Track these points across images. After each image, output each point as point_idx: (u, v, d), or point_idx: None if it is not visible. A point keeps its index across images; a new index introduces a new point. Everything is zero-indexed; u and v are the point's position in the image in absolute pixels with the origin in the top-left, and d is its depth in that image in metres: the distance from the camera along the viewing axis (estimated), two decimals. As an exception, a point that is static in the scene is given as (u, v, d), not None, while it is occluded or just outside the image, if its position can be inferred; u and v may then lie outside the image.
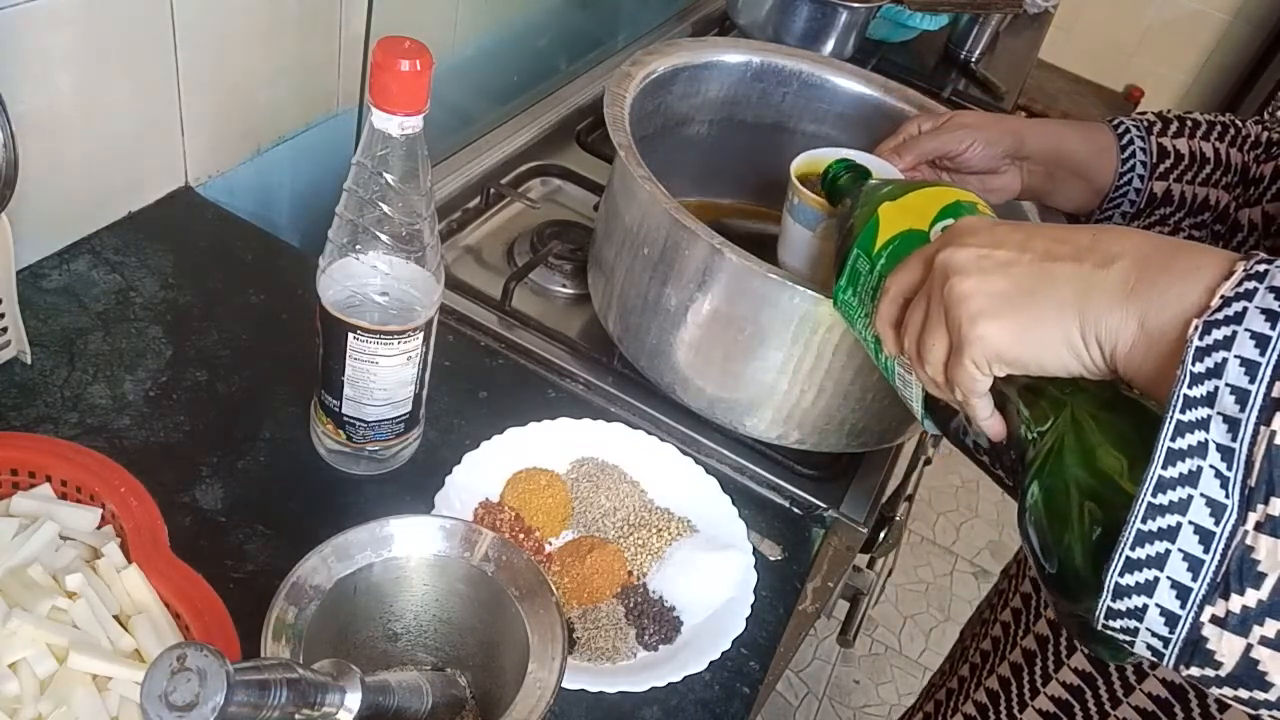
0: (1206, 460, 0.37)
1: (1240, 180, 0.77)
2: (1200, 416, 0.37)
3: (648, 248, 0.77)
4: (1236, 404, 0.36)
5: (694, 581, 0.69)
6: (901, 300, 0.52)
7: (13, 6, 0.66)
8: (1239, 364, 0.37)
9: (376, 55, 0.53)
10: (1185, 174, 0.78)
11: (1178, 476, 0.37)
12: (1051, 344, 0.44)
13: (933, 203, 0.57)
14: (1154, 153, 0.78)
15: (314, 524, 0.61)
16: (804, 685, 1.82)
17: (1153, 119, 0.80)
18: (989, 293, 0.45)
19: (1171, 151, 0.78)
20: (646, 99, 0.90)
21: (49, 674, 0.49)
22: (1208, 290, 0.39)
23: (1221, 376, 0.37)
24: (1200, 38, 3.14)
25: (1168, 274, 0.41)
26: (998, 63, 1.82)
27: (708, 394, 0.80)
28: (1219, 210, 0.78)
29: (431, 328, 0.65)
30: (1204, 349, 0.37)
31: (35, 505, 0.55)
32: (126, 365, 0.73)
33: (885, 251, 0.57)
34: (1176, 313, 0.40)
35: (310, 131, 0.99)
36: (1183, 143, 0.78)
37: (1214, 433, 0.37)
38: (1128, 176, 0.78)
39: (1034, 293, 0.44)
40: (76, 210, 0.80)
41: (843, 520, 0.81)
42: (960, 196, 0.58)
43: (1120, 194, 0.79)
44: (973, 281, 0.46)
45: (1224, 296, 0.38)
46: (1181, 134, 0.79)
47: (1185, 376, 0.37)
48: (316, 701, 0.41)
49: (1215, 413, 0.37)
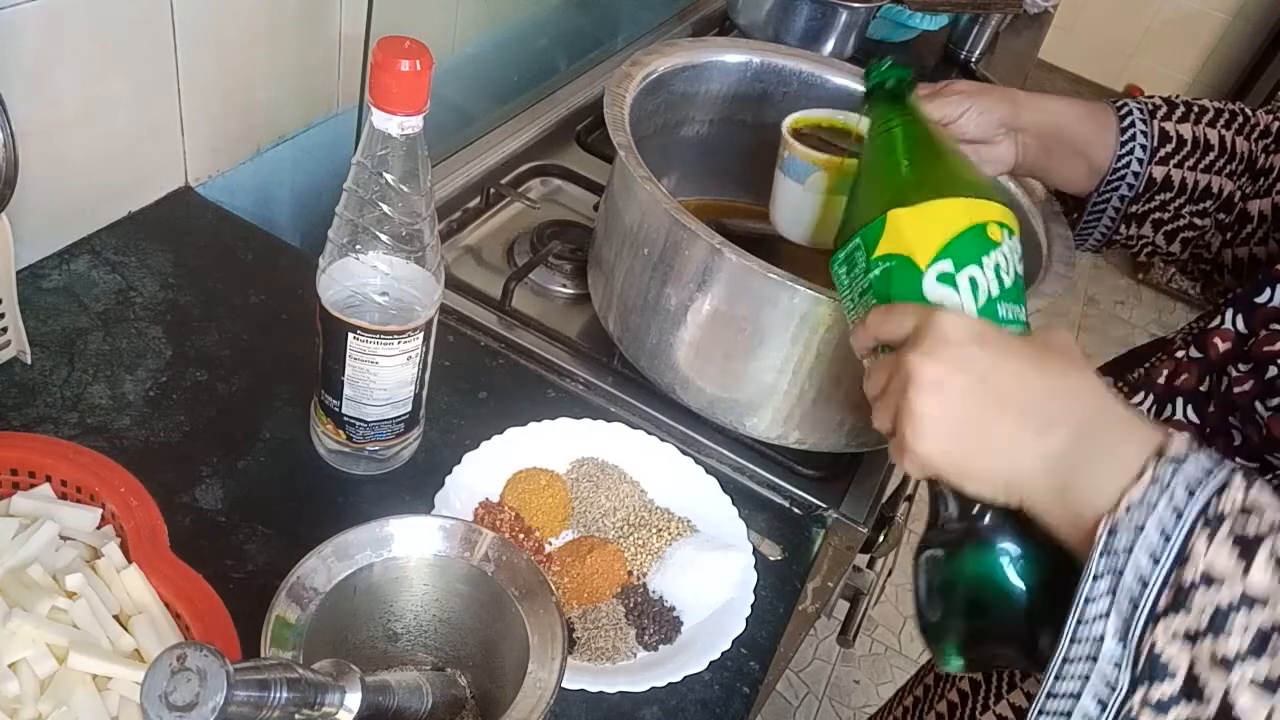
0: (1104, 646, 0.44)
1: (1247, 169, 0.76)
2: (1101, 610, 0.44)
3: (648, 248, 0.77)
4: (1129, 605, 0.43)
5: (694, 581, 0.69)
6: (873, 344, 0.56)
7: (13, 6, 0.66)
8: (1133, 573, 0.43)
9: (376, 55, 0.53)
10: (1187, 160, 0.77)
11: (1079, 657, 0.44)
12: (978, 481, 0.49)
13: (944, 225, 0.55)
14: (1155, 136, 0.77)
15: (314, 524, 0.61)
16: (804, 685, 1.82)
17: (1158, 103, 0.79)
18: (937, 417, 0.48)
19: (1174, 136, 0.77)
20: (646, 99, 0.90)
21: (49, 674, 0.49)
22: (1119, 489, 0.44)
23: (1121, 577, 0.43)
24: (1200, 38, 3.15)
25: (1093, 457, 0.46)
26: (998, 63, 1.82)
27: (708, 394, 0.80)
28: (1222, 198, 0.77)
29: (431, 328, 0.65)
30: (1106, 549, 0.43)
31: (35, 505, 0.55)
32: (126, 365, 0.73)
33: (878, 266, 0.56)
34: (1091, 503, 0.45)
35: (310, 131, 0.99)
36: (1186, 128, 0.77)
37: (1111, 624, 0.43)
38: (1126, 159, 0.78)
39: (977, 434, 0.48)
40: (76, 210, 0.80)
41: (843, 520, 0.82)
42: (975, 218, 0.55)
43: (1118, 176, 0.79)
44: (928, 402, 0.49)
45: (1128, 504, 0.43)
46: (1186, 119, 0.78)
47: (1090, 572, 0.44)
48: (316, 701, 0.41)
49: (1113, 608, 0.43)
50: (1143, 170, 0.78)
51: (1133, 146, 0.78)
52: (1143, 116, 0.78)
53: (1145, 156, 0.78)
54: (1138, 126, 0.78)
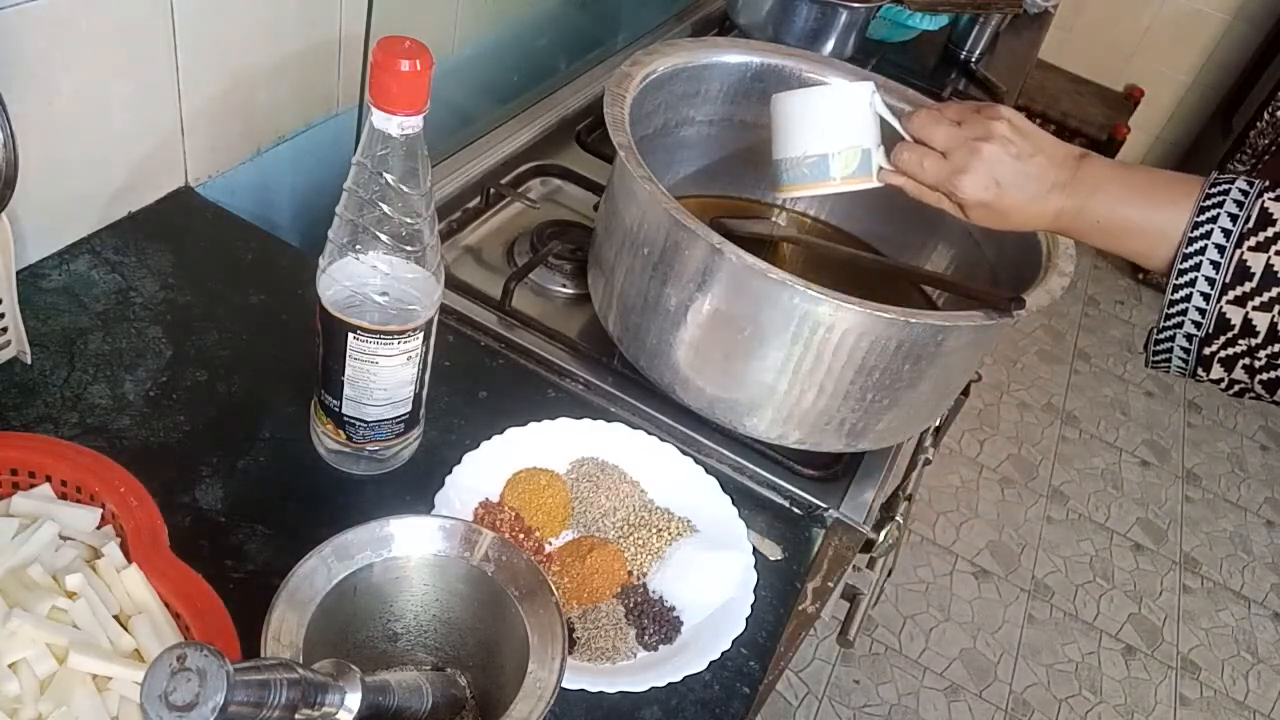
0: None
1: None
2: None
3: (648, 248, 0.77)
4: None
5: (694, 581, 0.69)
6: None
7: (12, 6, 0.66)
8: None
9: (376, 55, 0.53)
10: None
11: None
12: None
13: None
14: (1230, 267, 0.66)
15: (314, 524, 0.61)
16: (804, 685, 1.82)
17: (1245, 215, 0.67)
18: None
19: None
20: (646, 99, 0.90)
21: (49, 674, 0.49)
22: None
23: None
24: (1200, 38, 3.14)
25: None
26: (998, 63, 1.82)
27: (708, 394, 0.80)
28: None
29: (431, 328, 0.65)
30: None
31: (35, 505, 0.55)
32: (126, 365, 0.73)
33: None
34: None
35: (310, 131, 0.99)
36: None
37: None
38: None
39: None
40: (76, 210, 0.80)
41: (843, 520, 0.81)
42: None
43: None
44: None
45: None
46: None
47: None
48: (316, 701, 0.41)
49: None
50: (1209, 307, 0.68)
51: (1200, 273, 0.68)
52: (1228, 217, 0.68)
53: (1213, 292, 0.68)
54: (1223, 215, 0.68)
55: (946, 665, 1.93)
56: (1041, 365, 2.78)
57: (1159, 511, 2.42)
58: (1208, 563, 2.32)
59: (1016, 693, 1.92)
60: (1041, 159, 0.71)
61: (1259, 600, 2.26)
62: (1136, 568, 2.25)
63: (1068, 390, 2.71)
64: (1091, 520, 2.34)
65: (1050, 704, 1.92)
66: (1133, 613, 2.15)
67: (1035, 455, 2.47)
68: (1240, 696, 2.04)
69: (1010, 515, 2.29)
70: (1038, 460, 2.46)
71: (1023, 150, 0.70)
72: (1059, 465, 2.46)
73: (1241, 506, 2.50)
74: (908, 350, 0.74)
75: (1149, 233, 0.69)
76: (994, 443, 2.47)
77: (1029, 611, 2.08)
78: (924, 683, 1.89)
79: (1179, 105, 3.29)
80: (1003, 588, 2.12)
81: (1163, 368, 0.72)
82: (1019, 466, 2.42)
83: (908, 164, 0.75)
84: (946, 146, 0.72)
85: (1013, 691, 1.92)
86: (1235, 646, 2.14)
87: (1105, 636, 2.08)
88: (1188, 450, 2.63)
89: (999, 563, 2.17)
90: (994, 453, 2.44)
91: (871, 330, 0.72)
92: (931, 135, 0.73)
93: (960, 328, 0.74)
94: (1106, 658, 2.04)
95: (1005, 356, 2.75)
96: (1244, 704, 2.02)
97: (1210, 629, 2.16)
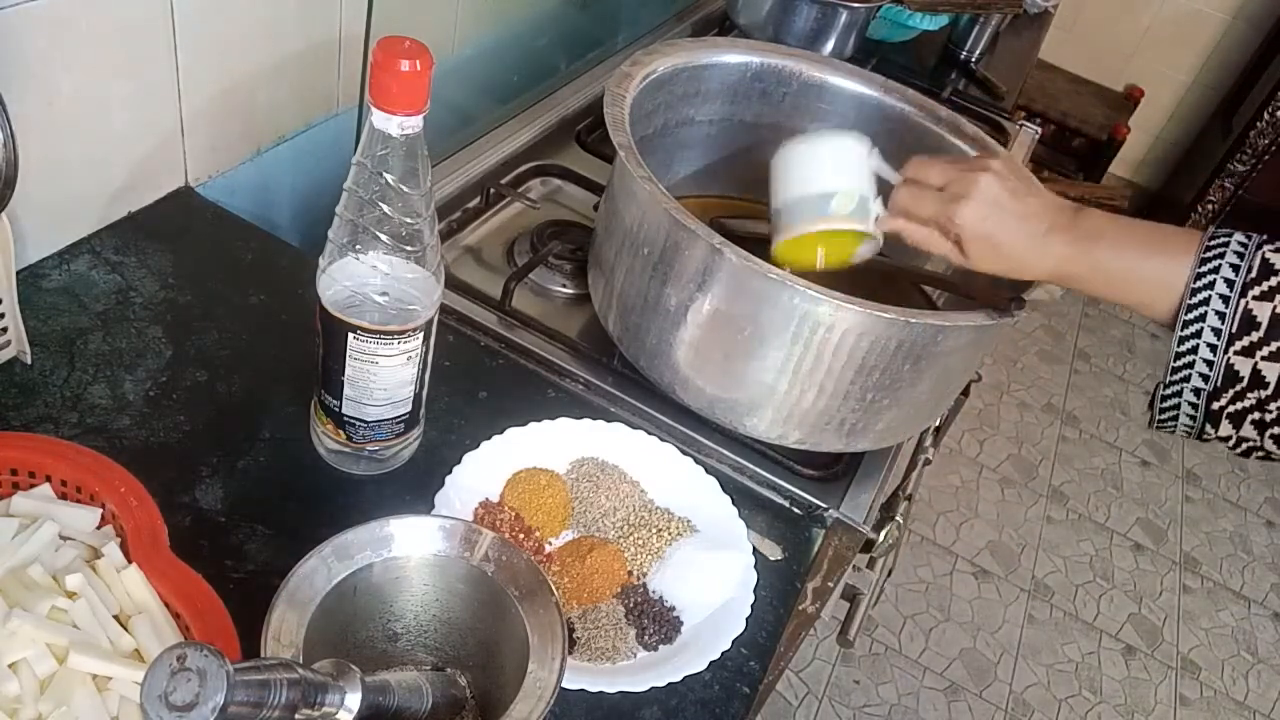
0: None
1: None
2: None
3: (648, 248, 0.77)
4: None
5: (694, 581, 0.69)
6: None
7: (12, 7, 0.66)
8: None
9: (376, 55, 0.53)
10: None
11: None
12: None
13: None
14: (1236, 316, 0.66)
15: (314, 524, 0.61)
16: (804, 685, 1.82)
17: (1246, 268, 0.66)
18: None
19: None
20: (646, 99, 0.90)
21: (49, 674, 0.49)
22: None
23: None
24: (1200, 38, 3.14)
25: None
26: (998, 63, 1.82)
27: (708, 394, 0.80)
28: None
29: (431, 328, 0.65)
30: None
31: (35, 505, 0.55)
32: (126, 365, 0.73)
33: None
34: None
35: (310, 131, 0.99)
36: None
37: None
38: None
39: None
40: (76, 210, 0.80)
41: (843, 520, 0.81)
42: None
43: None
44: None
45: None
46: None
47: None
48: (316, 701, 0.41)
49: None
50: (1217, 359, 0.67)
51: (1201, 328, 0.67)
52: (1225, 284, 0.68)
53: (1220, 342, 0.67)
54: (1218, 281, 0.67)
55: (946, 665, 1.93)
56: (1041, 365, 2.78)
57: (1159, 511, 2.42)
58: (1208, 563, 2.32)
59: (1016, 693, 1.92)
60: (1036, 200, 0.71)
61: (1259, 600, 2.26)
62: (1136, 568, 2.25)
63: (1068, 390, 2.72)
64: (1091, 520, 2.34)
65: (1050, 704, 1.92)
66: (1133, 613, 2.15)
67: (1035, 455, 2.47)
68: (1240, 696, 2.04)
69: (1010, 515, 2.29)
70: (1038, 460, 2.46)
71: (1018, 187, 0.71)
72: (1059, 465, 2.47)
73: (1241, 506, 2.50)
74: (908, 350, 0.74)
75: (1152, 281, 0.68)
76: (994, 443, 2.47)
77: (1029, 611, 2.08)
78: (924, 683, 1.89)
79: (1179, 105, 3.29)
80: (1003, 588, 2.12)
81: (1168, 427, 0.71)
82: (1019, 466, 2.42)
83: (904, 200, 0.74)
84: (943, 181, 0.72)
85: (1013, 691, 1.92)
86: (1235, 646, 2.14)
87: (1105, 636, 2.08)
88: (1188, 450, 2.63)
89: (999, 563, 2.17)
90: (994, 453, 2.44)
91: (871, 330, 0.72)
92: (927, 174, 0.74)
93: (960, 328, 0.74)
94: (1106, 658, 2.04)
95: (1005, 356, 2.75)
96: (1244, 704, 2.02)
97: (1210, 629, 2.16)
